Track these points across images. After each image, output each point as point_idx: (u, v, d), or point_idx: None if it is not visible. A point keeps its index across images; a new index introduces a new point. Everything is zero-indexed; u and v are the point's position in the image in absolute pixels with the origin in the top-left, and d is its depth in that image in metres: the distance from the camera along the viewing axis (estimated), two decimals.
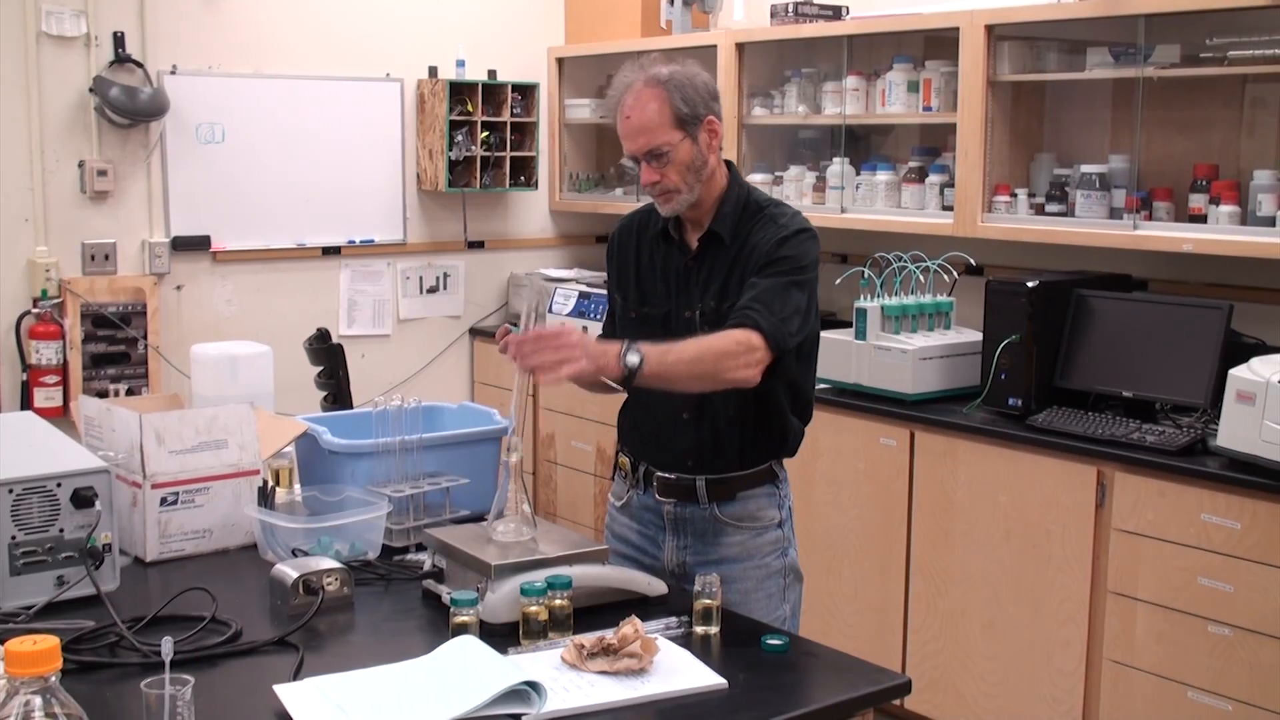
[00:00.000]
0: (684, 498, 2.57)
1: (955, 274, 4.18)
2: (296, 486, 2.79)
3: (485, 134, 5.27)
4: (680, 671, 1.97)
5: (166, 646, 1.70)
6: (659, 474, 2.59)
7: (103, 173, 4.57)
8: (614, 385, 2.34)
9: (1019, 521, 3.67)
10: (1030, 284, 3.75)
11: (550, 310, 5.18)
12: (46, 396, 4.47)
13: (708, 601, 2.15)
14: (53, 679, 1.43)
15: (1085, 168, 3.91)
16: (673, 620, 2.16)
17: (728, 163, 2.57)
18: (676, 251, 2.56)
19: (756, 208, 2.52)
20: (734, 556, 2.57)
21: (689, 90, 2.43)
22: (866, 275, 4.09)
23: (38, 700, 1.42)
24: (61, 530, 2.25)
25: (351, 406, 4.02)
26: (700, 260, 2.53)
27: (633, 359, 2.24)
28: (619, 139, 2.50)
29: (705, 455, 2.54)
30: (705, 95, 2.46)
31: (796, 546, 2.66)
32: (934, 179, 4.31)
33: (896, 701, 3.83)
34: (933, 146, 4.44)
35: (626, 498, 2.68)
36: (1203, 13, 3.57)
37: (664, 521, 2.60)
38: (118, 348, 4.64)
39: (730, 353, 2.33)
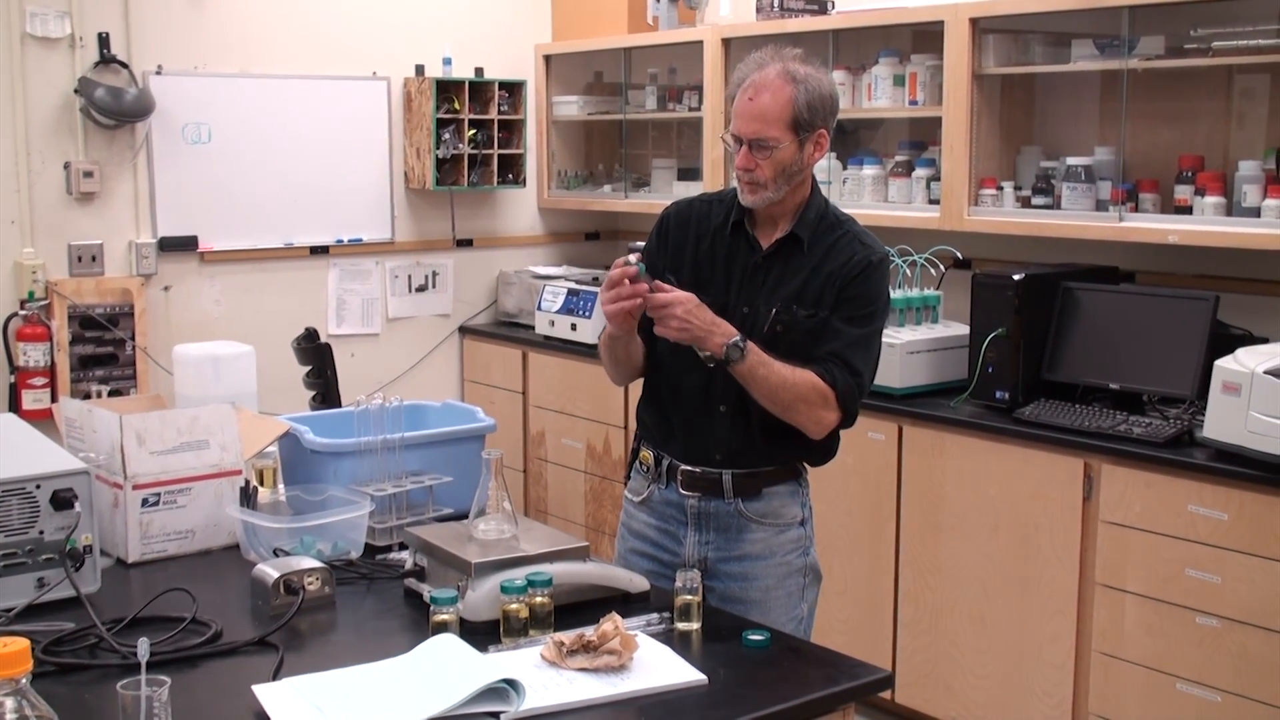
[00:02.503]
0: (709, 492, 2.57)
1: (942, 267, 4.18)
2: (280, 486, 2.79)
3: (472, 132, 5.26)
4: (660, 668, 1.96)
5: (142, 648, 1.70)
6: (684, 468, 2.59)
7: (89, 174, 4.56)
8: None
9: (1007, 515, 3.67)
10: (1017, 277, 3.75)
11: (539, 308, 5.18)
12: (34, 399, 4.46)
13: (688, 598, 2.15)
14: (24, 681, 1.43)
15: (1071, 160, 3.90)
16: (654, 616, 2.16)
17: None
18: (745, 247, 2.56)
19: (836, 221, 2.57)
20: (756, 554, 2.57)
21: (817, 98, 2.45)
22: None
23: (10, 702, 1.42)
24: (41, 532, 2.24)
25: (340, 406, 4.01)
26: (772, 260, 2.54)
27: (734, 354, 2.37)
28: (729, 115, 2.50)
29: (735, 448, 2.54)
30: (829, 108, 2.48)
31: (816, 547, 2.67)
32: (920, 173, 4.31)
33: (886, 695, 3.85)
34: (919, 140, 4.44)
35: (647, 493, 2.67)
36: (1187, 4, 3.57)
37: (686, 517, 2.60)
38: (105, 349, 4.63)
39: (808, 400, 2.45)
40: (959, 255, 4.15)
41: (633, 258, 2.37)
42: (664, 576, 2.45)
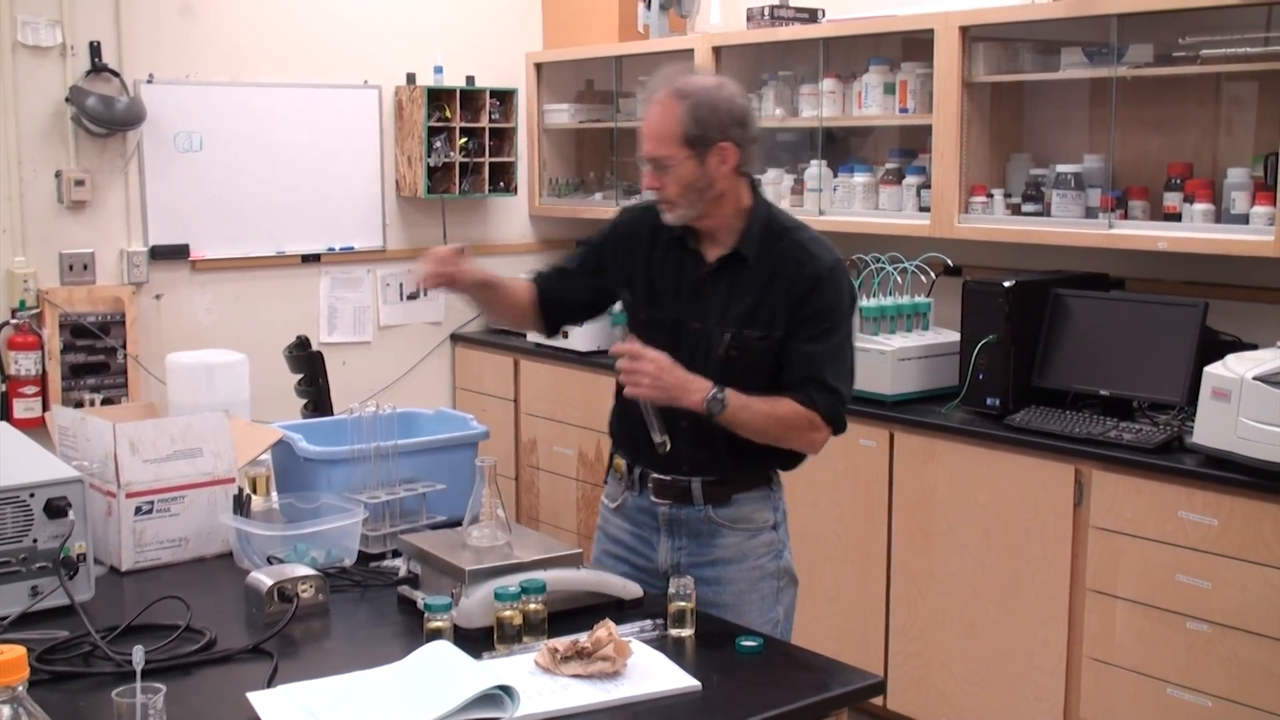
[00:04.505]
0: (679, 499, 2.58)
1: (933, 275, 4.19)
2: (273, 494, 2.79)
3: (464, 140, 5.27)
4: (653, 674, 1.97)
5: (138, 656, 1.71)
6: (655, 476, 2.59)
7: (80, 182, 4.56)
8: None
9: (998, 521, 3.68)
10: (1007, 284, 3.76)
11: None
12: (26, 407, 4.46)
13: (682, 604, 2.15)
14: (20, 689, 1.42)
15: (1061, 167, 3.92)
16: (647, 623, 2.17)
17: (753, 181, 2.55)
18: (691, 261, 2.55)
19: (781, 229, 2.53)
20: (729, 558, 2.58)
21: (706, 111, 2.41)
22: None
23: (6, 710, 1.42)
24: (35, 541, 2.24)
25: (332, 414, 4.01)
26: (718, 276, 2.52)
27: (715, 407, 2.40)
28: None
29: (701, 460, 2.54)
30: (725, 119, 2.42)
31: (791, 550, 2.67)
32: (911, 180, 4.32)
33: (878, 701, 3.85)
34: (910, 148, 4.46)
35: (621, 499, 2.67)
36: (1175, 12, 3.58)
37: (659, 523, 2.61)
38: (97, 358, 4.63)
39: (797, 427, 2.47)
40: (949, 262, 4.17)
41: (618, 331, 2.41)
42: (639, 581, 2.44)
